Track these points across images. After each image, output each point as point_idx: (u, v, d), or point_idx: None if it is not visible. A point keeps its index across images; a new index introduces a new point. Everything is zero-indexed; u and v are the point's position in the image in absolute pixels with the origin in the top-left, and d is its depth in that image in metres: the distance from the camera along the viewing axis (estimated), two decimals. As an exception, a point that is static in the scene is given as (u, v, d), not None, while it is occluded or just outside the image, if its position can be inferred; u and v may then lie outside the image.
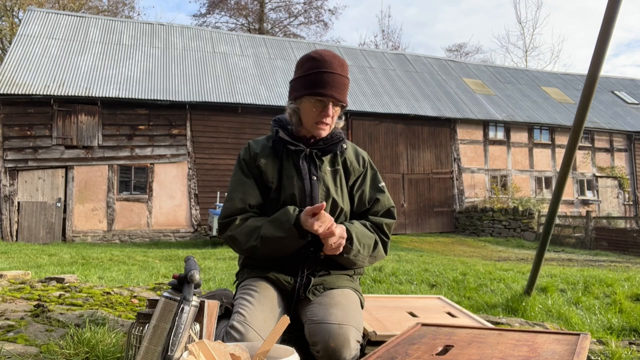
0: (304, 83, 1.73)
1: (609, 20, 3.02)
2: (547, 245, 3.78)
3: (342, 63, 1.77)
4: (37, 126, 13.70)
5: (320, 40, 31.50)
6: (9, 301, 2.48)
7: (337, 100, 1.73)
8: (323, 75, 1.71)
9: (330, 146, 1.81)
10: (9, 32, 24.87)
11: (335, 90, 1.71)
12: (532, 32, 56.65)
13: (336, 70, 1.73)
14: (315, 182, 1.77)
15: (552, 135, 20.03)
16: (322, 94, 1.70)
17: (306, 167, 1.78)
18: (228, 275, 5.25)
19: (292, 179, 1.76)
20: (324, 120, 1.74)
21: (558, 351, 1.32)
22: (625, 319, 3.75)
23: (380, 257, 1.83)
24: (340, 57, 1.79)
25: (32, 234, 13.45)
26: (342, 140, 1.84)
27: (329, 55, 1.75)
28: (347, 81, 1.77)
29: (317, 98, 1.71)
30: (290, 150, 1.79)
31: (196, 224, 14.84)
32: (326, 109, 1.73)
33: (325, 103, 1.72)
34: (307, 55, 1.78)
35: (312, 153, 1.80)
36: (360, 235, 1.74)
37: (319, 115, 1.74)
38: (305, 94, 1.72)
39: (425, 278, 5.29)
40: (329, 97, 1.71)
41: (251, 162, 1.80)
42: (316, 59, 1.74)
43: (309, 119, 1.75)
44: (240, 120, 15.47)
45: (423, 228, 17.55)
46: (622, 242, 14.14)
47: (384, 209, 1.87)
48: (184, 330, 1.20)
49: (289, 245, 1.67)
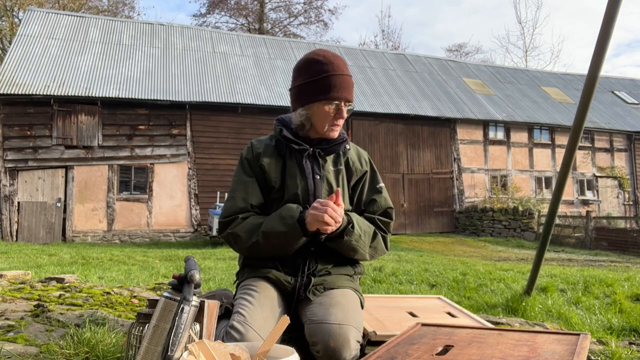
0: (316, 88, 1.73)
1: (609, 20, 3.02)
2: (547, 245, 3.78)
3: (344, 62, 1.80)
4: (37, 126, 13.70)
5: (320, 40, 31.51)
6: (9, 301, 2.48)
7: (347, 101, 1.76)
8: (334, 79, 1.72)
9: (334, 146, 1.81)
10: (9, 32, 24.87)
11: (347, 92, 1.75)
12: (532, 32, 56.80)
13: (344, 71, 1.75)
14: (319, 181, 1.77)
15: (552, 135, 20.03)
16: (338, 97, 1.72)
17: (309, 166, 1.78)
18: (228, 275, 5.25)
19: (295, 178, 1.76)
20: (337, 122, 1.77)
21: (558, 351, 1.32)
22: (625, 319, 3.75)
23: (381, 250, 1.83)
24: (340, 57, 1.81)
25: (32, 234, 13.45)
26: (346, 141, 1.85)
27: (333, 57, 1.76)
28: (352, 80, 1.80)
29: (334, 102, 1.73)
30: (293, 150, 1.79)
31: (196, 224, 14.84)
32: (340, 111, 1.75)
33: (339, 106, 1.75)
34: (311, 59, 1.77)
35: (316, 152, 1.80)
36: (360, 222, 1.75)
37: (334, 118, 1.76)
38: (319, 99, 1.73)
39: (425, 278, 5.29)
40: (343, 99, 1.74)
41: (254, 161, 1.80)
42: (322, 62, 1.74)
43: (324, 123, 1.76)
44: (240, 120, 15.48)
45: (423, 228, 17.55)
46: (622, 242, 14.14)
47: (381, 209, 1.87)
48: (184, 330, 1.20)
49: (290, 242, 1.65)
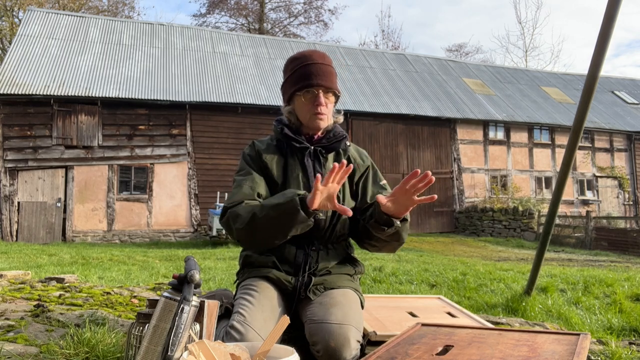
0: (292, 81, 1.78)
1: (609, 20, 3.02)
2: (547, 245, 3.78)
3: (322, 55, 1.82)
4: (37, 126, 13.70)
5: (320, 40, 31.50)
6: (9, 301, 2.48)
7: (326, 88, 1.76)
8: (306, 68, 1.75)
9: (334, 143, 1.83)
10: (9, 32, 24.87)
11: (321, 79, 1.74)
12: (532, 32, 56.76)
13: (317, 60, 1.77)
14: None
15: (552, 135, 20.03)
16: (310, 84, 1.74)
17: (311, 164, 1.80)
18: (228, 275, 5.25)
19: (297, 176, 1.77)
20: (318, 109, 1.75)
21: (558, 351, 1.32)
22: (625, 319, 3.75)
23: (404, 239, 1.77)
24: (321, 51, 1.85)
25: (32, 234, 13.45)
26: (346, 138, 1.86)
27: (308, 51, 1.84)
28: (332, 69, 1.81)
29: (306, 90, 1.74)
30: (294, 148, 1.80)
31: (196, 224, 14.84)
32: (318, 98, 1.75)
33: (315, 93, 1.75)
34: (290, 58, 1.85)
35: (317, 150, 1.81)
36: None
37: (313, 106, 1.75)
38: (295, 90, 1.76)
39: (425, 278, 5.29)
40: (317, 85, 1.74)
41: (257, 157, 1.81)
42: (297, 58, 1.81)
43: (304, 114, 1.77)
44: (240, 120, 15.47)
45: (423, 228, 17.54)
46: (622, 242, 14.14)
47: None
48: (184, 330, 1.20)
49: (289, 217, 1.54)
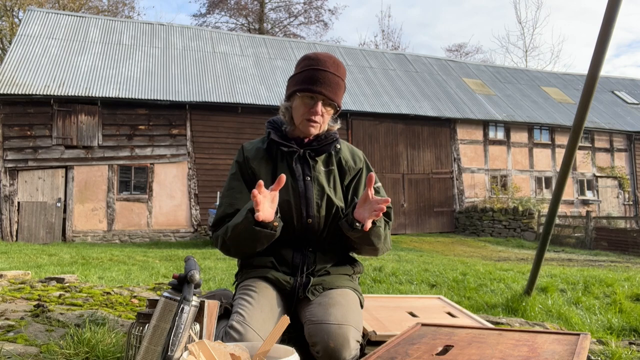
0: (296, 80, 1.74)
1: (609, 21, 3.02)
2: (547, 245, 3.78)
3: (337, 64, 1.75)
4: (37, 126, 13.70)
5: (320, 40, 31.50)
6: (9, 301, 2.48)
7: (327, 99, 1.71)
8: (314, 72, 1.70)
9: (324, 147, 1.79)
10: (9, 32, 24.86)
11: (325, 88, 1.70)
12: (532, 32, 56.67)
13: (329, 68, 1.72)
14: (309, 182, 1.76)
15: (552, 135, 20.03)
16: (312, 90, 1.69)
17: (300, 168, 1.77)
18: (228, 275, 5.25)
19: (286, 181, 1.75)
20: (312, 117, 1.72)
21: (558, 351, 1.32)
22: (625, 319, 3.75)
23: (388, 246, 1.80)
24: (338, 60, 1.78)
25: (32, 234, 13.45)
26: (336, 140, 1.82)
27: (325, 55, 1.75)
28: (341, 82, 1.75)
29: (307, 94, 1.71)
30: (283, 152, 1.78)
31: (196, 224, 14.84)
32: (315, 106, 1.71)
33: (315, 100, 1.71)
34: (304, 55, 1.79)
35: (306, 154, 1.78)
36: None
37: (308, 112, 1.72)
38: (296, 90, 1.72)
39: (425, 278, 5.29)
40: (318, 93, 1.69)
41: (244, 165, 1.80)
42: (311, 58, 1.75)
43: (298, 116, 1.74)
44: (240, 120, 15.47)
45: (423, 228, 17.55)
46: (622, 242, 14.14)
47: None
48: (184, 330, 1.20)
49: (249, 234, 1.58)
